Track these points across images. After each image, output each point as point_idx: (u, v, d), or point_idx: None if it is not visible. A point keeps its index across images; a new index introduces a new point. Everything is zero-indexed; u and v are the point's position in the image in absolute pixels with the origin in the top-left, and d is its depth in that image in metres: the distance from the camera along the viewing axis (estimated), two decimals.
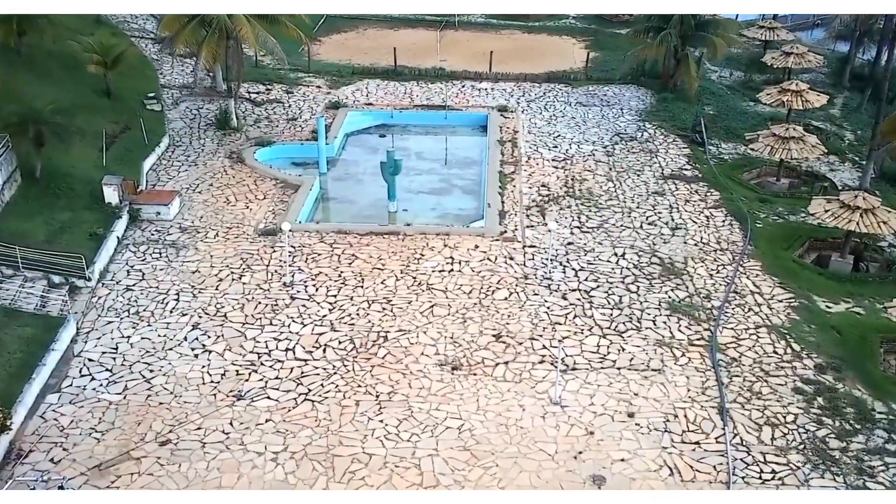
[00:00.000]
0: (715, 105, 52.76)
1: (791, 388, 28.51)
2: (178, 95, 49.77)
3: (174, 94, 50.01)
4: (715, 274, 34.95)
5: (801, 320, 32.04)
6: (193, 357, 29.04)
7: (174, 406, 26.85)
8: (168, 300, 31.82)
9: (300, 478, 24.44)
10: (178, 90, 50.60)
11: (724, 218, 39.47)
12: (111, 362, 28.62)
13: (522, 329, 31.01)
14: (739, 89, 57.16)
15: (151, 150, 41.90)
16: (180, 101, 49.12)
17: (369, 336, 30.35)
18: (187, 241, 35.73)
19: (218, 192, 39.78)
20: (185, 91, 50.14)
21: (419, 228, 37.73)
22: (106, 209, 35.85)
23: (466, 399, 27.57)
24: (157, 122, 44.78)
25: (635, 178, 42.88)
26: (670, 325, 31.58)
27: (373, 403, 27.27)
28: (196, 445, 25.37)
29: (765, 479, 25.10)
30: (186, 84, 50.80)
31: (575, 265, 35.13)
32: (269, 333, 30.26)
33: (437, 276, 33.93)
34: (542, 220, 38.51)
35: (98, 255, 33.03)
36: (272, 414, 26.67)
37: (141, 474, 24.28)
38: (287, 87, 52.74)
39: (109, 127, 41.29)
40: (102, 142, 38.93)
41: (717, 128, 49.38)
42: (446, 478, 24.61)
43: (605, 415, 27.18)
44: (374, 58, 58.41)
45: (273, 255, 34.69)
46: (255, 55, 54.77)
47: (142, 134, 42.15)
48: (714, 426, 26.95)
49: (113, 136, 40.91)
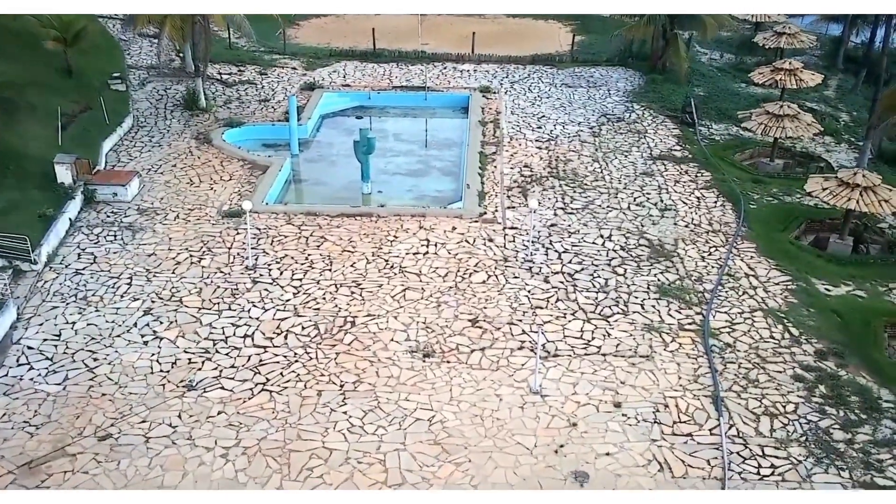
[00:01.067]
0: (705, 86, 50.67)
1: (790, 376, 26.28)
2: (145, 76, 47.47)
3: (141, 75, 47.71)
4: (707, 256, 32.73)
5: (799, 304, 29.84)
6: (143, 344, 26.75)
7: (118, 398, 24.53)
8: (120, 284, 29.57)
9: (251, 475, 22.12)
10: (145, 71, 48.32)
11: (715, 199, 37.28)
12: (52, 350, 26.32)
13: (501, 313, 28.79)
14: (730, 71, 55.18)
15: (112, 131, 39.59)
16: (147, 82, 46.82)
17: (335, 321, 28.10)
18: (145, 223, 33.42)
19: (181, 174, 37.45)
20: (152, 72, 47.81)
21: (393, 210, 35.47)
22: (58, 189, 33.54)
23: (438, 389, 25.30)
24: (120, 102, 42.46)
25: (622, 159, 40.69)
26: (659, 308, 29.39)
27: (336, 394, 24.99)
28: (139, 440, 23.06)
29: (763, 474, 22.91)
30: (154, 65, 48.32)
31: (558, 247, 32.91)
32: (227, 319, 27.97)
33: (411, 258, 31.68)
34: (524, 201, 36.09)
35: (46, 237, 30.64)
36: (225, 405, 24.35)
37: (75, 472, 22.02)
38: (261, 69, 50.50)
39: (68, 106, 38.82)
40: (58, 120, 36.26)
41: (707, 109, 47.27)
42: (413, 475, 22.31)
43: (588, 405, 24.93)
44: (354, 41, 55.99)
45: (237, 238, 32.37)
46: (228, 36, 52.38)
47: (103, 114, 39.75)
48: (708, 417, 24.69)
49: (71, 116, 38.52)
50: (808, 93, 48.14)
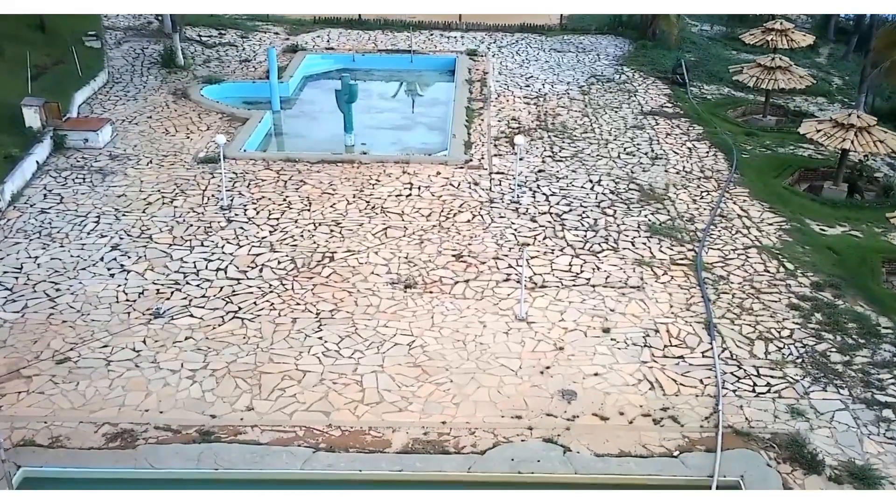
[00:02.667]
0: (696, 53, 49.78)
1: (786, 305, 25.16)
2: (122, 36, 46.11)
3: (118, 35, 46.43)
4: (699, 199, 31.67)
5: (793, 242, 28.77)
6: (109, 276, 25.53)
7: (79, 324, 23.25)
8: (87, 223, 28.36)
9: (219, 395, 20.83)
10: (122, 31, 46.90)
11: (707, 150, 36.20)
12: (12, 282, 25.14)
13: (486, 249, 27.59)
14: (721, 40, 54.05)
15: (86, 84, 38.37)
16: (123, 42, 45.52)
17: (313, 256, 26.75)
18: (116, 167, 32.18)
19: (157, 124, 36.33)
20: (129, 32, 46.42)
21: (376, 157, 34.20)
22: (26, 133, 32.22)
23: (420, 316, 24.04)
24: (95, 58, 41.24)
25: (612, 114, 39.64)
26: (650, 245, 28.26)
27: (312, 321, 23.75)
28: (99, 364, 21.81)
29: (759, 392, 21.76)
30: (131, 26, 47.04)
31: (546, 191, 31.76)
32: (199, 254, 26.79)
33: (393, 200, 30.48)
34: (510, 149, 34.71)
35: (10, 175, 29.41)
36: (194, 332, 23.12)
37: (30, 393, 20.70)
38: (242, 33, 49.43)
39: (40, 59, 37.44)
40: (27, 70, 34.91)
41: (698, 72, 46.34)
42: (392, 394, 21.03)
43: (576, 331, 23.71)
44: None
45: (211, 182, 31.19)
46: None
47: (76, 68, 38.48)
48: (700, 341, 23.48)
49: (43, 68, 37.30)
50: (800, 58, 46.86)
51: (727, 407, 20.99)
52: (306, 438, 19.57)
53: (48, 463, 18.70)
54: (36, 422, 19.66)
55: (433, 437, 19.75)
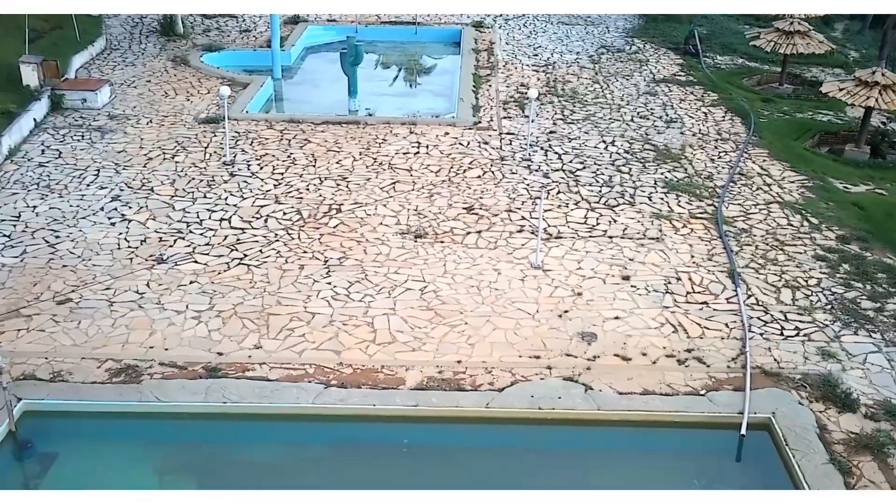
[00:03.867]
0: (708, 27, 48.72)
1: (811, 256, 24.22)
2: None
3: None
4: (716, 159, 30.75)
5: (816, 198, 27.85)
6: (109, 225, 24.52)
7: (80, 269, 22.32)
8: (86, 176, 27.43)
9: (226, 334, 19.89)
10: None
11: (723, 114, 35.28)
12: (10, 229, 24.24)
13: (498, 203, 26.65)
14: (733, 14, 52.82)
15: (84, 48, 37.48)
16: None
17: (319, 208, 25.74)
18: (116, 126, 31.14)
19: (156, 87, 35.43)
20: None
21: (382, 118, 33.22)
22: (23, 91, 31.24)
23: (431, 264, 23.13)
24: (93, 25, 40.37)
25: (624, 82, 38.76)
26: (668, 200, 27.22)
27: (320, 267, 22.80)
28: (102, 304, 20.84)
29: (787, 335, 20.77)
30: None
31: (558, 150, 30.78)
32: (202, 205, 25.86)
33: (401, 157, 29.56)
34: (520, 112, 33.77)
35: (7, 129, 28.44)
36: (198, 276, 22.18)
37: (30, 330, 19.70)
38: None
39: (37, 24, 36.41)
40: (26, 33, 33.94)
41: (711, 44, 45.38)
42: (404, 335, 20.08)
43: (594, 278, 22.77)
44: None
45: (213, 140, 30.21)
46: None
47: (74, 33, 37.52)
48: (724, 288, 22.54)
49: (41, 32, 36.17)
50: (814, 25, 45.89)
51: (755, 349, 20.06)
52: (317, 375, 18.66)
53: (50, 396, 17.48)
54: (36, 357, 18.81)
55: (448, 375, 18.87)
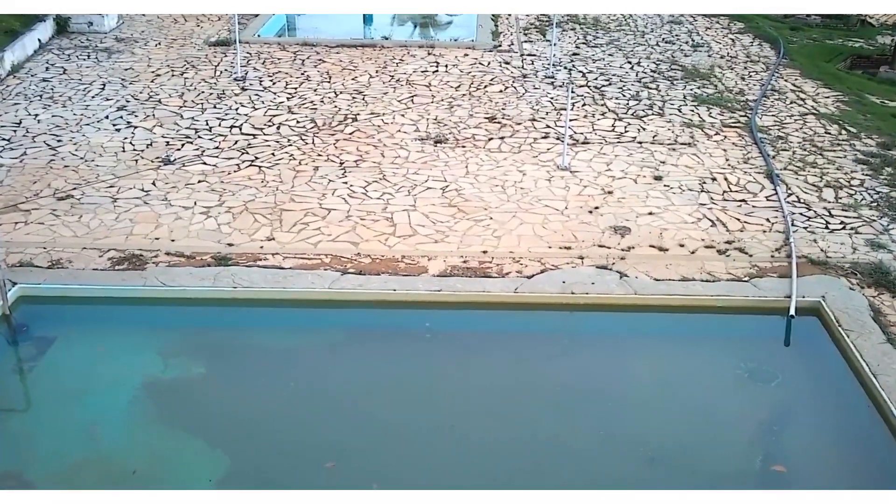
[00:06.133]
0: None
1: (852, 160, 22.94)
2: None
3: None
4: (747, 77, 29.40)
5: (853, 111, 26.50)
6: (114, 131, 23.26)
7: (82, 168, 21.14)
8: (91, 90, 26.28)
9: (237, 227, 18.62)
10: None
11: (751, 40, 33.92)
12: (10, 134, 23.06)
13: (521, 113, 25.43)
14: None
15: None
16: None
17: (334, 117, 24.44)
18: (123, 47, 29.79)
19: (165, 15, 33.90)
20: None
21: (399, 42, 31.80)
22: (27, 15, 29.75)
23: (452, 166, 21.85)
24: None
25: (646, 17, 36.87)
26: (699, 111, 25.77)
27: (335, 168, 21.55)
28: (105, 201, 19.69)
29: (833, 228, 19.28)
30: None
31: (582, 69, 29.22)
32: (212, 114, 24.67)
33: (419, 75, 28.33)
34: (542, 38, 32.40)
35: (10, 46, 27.13)
36: (207, 176, 20.94)
37: (28, 223, 18.45)
38: None
39: None
40: None
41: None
42: (426, 228, 18.84)
43: (625, 178, 21.51)
44: None
45: (224, 59, 28.97)
46: None
47: None
48: (762, 188, 21.32)
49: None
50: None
51: (799, 241, 18.78)
52: (333, 265, 17.31)
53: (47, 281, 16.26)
54: (34, 248, 17.63)
55: (473, 265, 17.59)
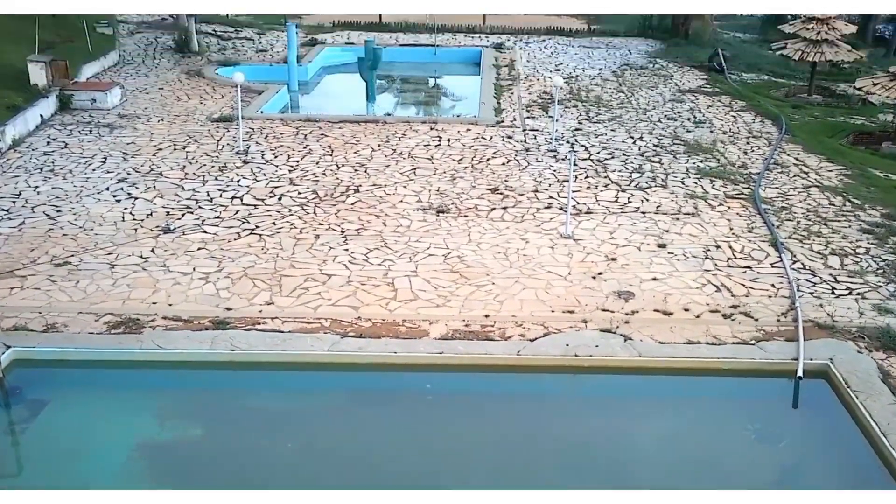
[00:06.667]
0: (731, 50, 47.29)
1: (857, 230, 22.87)
2: (135, 28, 44.33)
3: (130, 27, 44.60)
4: (749, 152, 29.38)
5: (857, 184, 26.50)
6: (115, 202, 23.15)
7: (81, 237, 21.08)
8: (93, 163, 26.35)
9: (236, 292, 18.32)
10: (135, 24, 45.17)
11: (753, 117, 34.08)
12: (10, 205, 22.96)
13: (524, 185, 25.39)
14: (755, 43, 51.87)
15: (95, 59, 36.32)
16: (136, 33, 43.68)
17: (336, 189, 24.39)
18: (126, 123, 29.90)
19: (168, 93, 34.41)
20: (143, 25, 44.69)
21: (401, 118, 31.97)
22: (31, 90, 30.12)
23: (455, 234, 21.80)
24: (106, 42, 39.34)
25: (649, 92, 37.60)
26: (702, 184, 25.70)
27: (337, 236, 21.41)
28: (103, 267, 19.56)
29: (839, 294, 19.08)
30: (145, 20, 45.43)
31: (584, 143, 29.28)
32: (213, 186, 24.60)
33: (422, 149, 28.45)
34: (544, 114, 32.56)
35: (12, 120, 27.20)
36: (207, 244, 20.82)
37: (24, 289, 18.22)
38: (259, 31, 47.39)
39: (49, 36, 35.52)
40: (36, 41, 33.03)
41: (736, 63, 43.94)
42: (427, 293, 18.63)
43: (629, 246, 21.40)
44: None
45: (226, 134, 29.02)
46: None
47: (87, 45, 36.60)
48: (767, 255, 21.12)
49: (52, 43, 35.22)
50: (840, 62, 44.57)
51: (805, 306, 18.53)
52: (333, 328, 17.05)
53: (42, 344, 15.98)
54: (29, 312, 17.42)
55: (476, 328, 17.33)
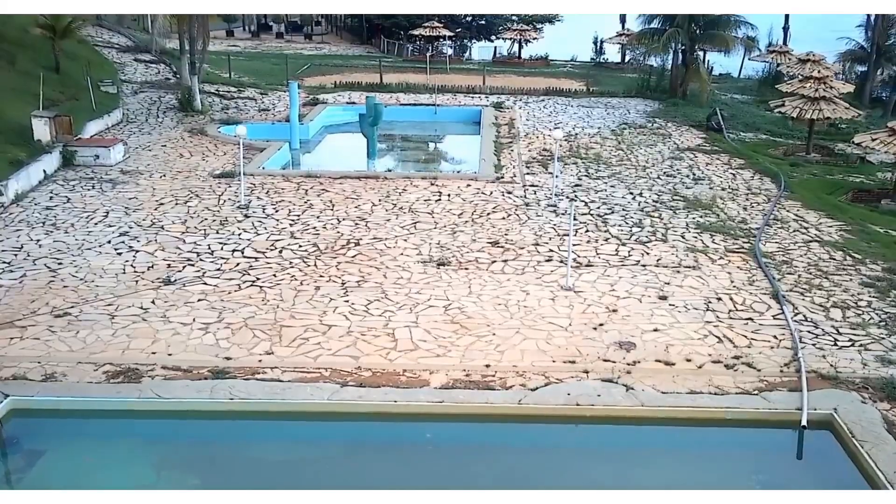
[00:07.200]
0: (729, 111, 47.71)
1: (858, 283, 22.83)
2: (138, 88, 44.68)
3: (134, 87, 44.96)
4: (749, 208, 29.39)
5: (857, 239, 26.58)
6: (116, 255, 23.20)
7: (82, 288, 21.05)
8: (95, 217, 26.39)
9: (236, 343, 18.29)
10: (138, 84, 45.55)
11: (752, 175, 34.28)
12: (11, 258, 22.91)
13: (524, 238, 25.42)
14: (752, 104, 52.30)
15: (99, 117, 36.61)
16: (140, 92, 44.03)
17: (337, 242, 24.46)
18: (128, 179, 30.05)
19: (171, 150, 34.63)
20: (146, 85, 45.07)
21: (402, 174, 32.16)
22: (35, 145, 30.26)
23: (455, 286, 21.80)
24: (110, 100, 39.65)
25: (648, 150, 37.84)
26: (702, 238, 25.75)
27: (337, 288, 21.39)
28: (103, 318, 19.52)
29: (841, 345, 19.04)
30: (148, 81, 45.86)
31: (584, 199, 29.44)
32: (214, 239, 24.68)
33: (422, 204, 28.54)
34: (544, 170, 32.75)
35: (15, 175, 27.32)
36: (207, 296, 20.76)
37: (23, 339, 18.19)
38: (261, 91, 47.78)
39: (54, 96, 35.90)
40: (40, 98, 33.34)
41: (734, 123, 44.29)
42: (427, 343, 18.62)
43: (629, 298, 21.39)
44: None
45: (228, 189, 29.13)
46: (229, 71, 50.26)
47: (91, 103, 36.91)
48: (768, 307, 21.06)
49: (56, 101, 35.52)
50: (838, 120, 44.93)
51: (808, 357, 18.51)
52: (333, 378, 16.99)
53: (40, 394, 15.90)
54: (28, 361, 17.37)
55: (476, 378, 17.26)
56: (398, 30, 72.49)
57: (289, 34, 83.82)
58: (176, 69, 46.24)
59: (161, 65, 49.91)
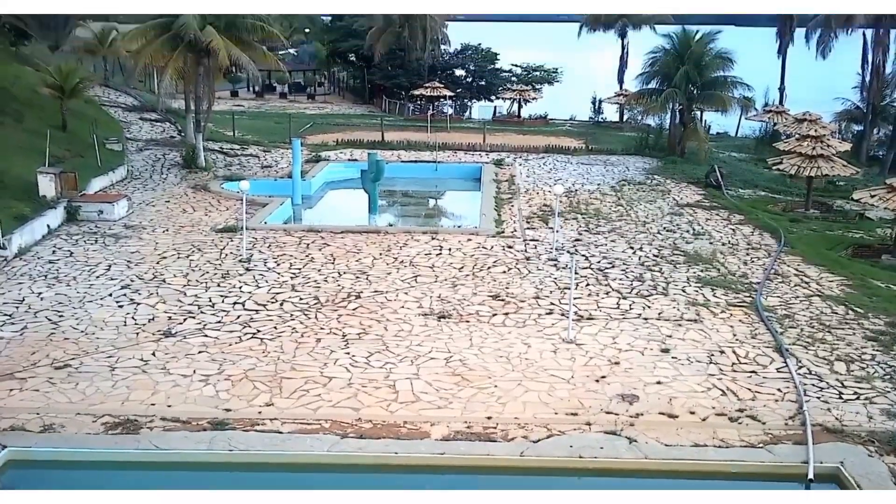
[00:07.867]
0: (727, 168, 47.92)
1: (861, 337, 22.76)
2: (143, 145, 44.98)
3: (139, 145, 45.24)
4: (749, 262, 29.45)
5: (859, 294, 26.56)
6: (117, 307, 23.14)
7: (82, 340, 21.02)
8: (97, 271, 26.37)
9: (236, 394, 18.26)
10: (143, 142, 45.86)
11: (751, 230, 34.31)
12: (13, 310, 22.85)
13: (525, 292, 25.37)
14: (750, 162, 52.58)
15: (104, 174, 36.79)
16: (144, 150, 44.32)
17: (338, 295, 24.45)
18: (131, 233, 30.16)
19: (174, 205, 34.75)
20: (151, 142, 45.41)
21: (403, 228, 32.27)
22: (39, 201, 30.42)
23: (456, 339, 21.80)
24: (115, 157, 39.87)
25: (647, 205, 37.92)
26: (703, 292, 25.75)
27: (338, 340, 21.41)
28: (103, 369, 19.49)
29: (846, 398, 18.98)
30: (153, 139, 46.16)
31: (585, 253, 29.47)
32: (215, 292, 24.64)
33: (423, 258, 28.62)
34: (544, 225, 32.85)
35: (20, 229, 27.49)
36: (208, 348, 20.70)
37: (23, 391, 18.15)
38: (264, 148, 48.04)
39: (60, 153, 36.14)
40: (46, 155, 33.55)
41: (732, 180, 44.43)
42: (429, 395, 18.61)
43: (631, 351, 21.36)
44: None
45: (230, 244, 29.21)
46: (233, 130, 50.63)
47: (96, 161, 37.12)
48: (772, 360, 20.99)
49: (62, 158, 35.74)
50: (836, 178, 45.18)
51: (813, 410, 18.42)
52: (333, 429, 16.92)
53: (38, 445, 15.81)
54: (27, 413, 17.30)
55: (478, 430, 17.19)
56: (399, 90, 73.04)
57: (292, 94, 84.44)
58: (181, 128, 46.53)
59: (166, 123, 50.32)
